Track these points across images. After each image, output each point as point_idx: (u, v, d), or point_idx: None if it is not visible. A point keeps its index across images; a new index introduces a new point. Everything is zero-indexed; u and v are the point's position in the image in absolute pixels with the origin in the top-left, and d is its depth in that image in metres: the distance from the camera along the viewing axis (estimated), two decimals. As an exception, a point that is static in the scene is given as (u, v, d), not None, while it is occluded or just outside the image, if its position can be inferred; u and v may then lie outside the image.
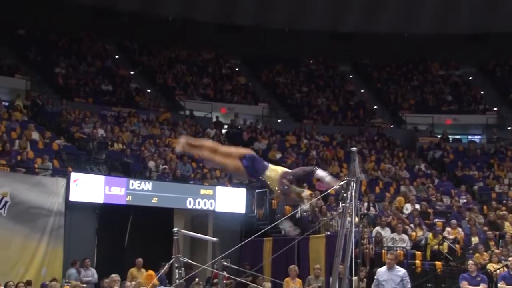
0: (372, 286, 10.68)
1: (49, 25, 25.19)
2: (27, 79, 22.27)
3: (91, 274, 14.74)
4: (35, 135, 18.09)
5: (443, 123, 26.73)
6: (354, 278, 11.11)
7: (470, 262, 12.21)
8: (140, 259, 14.58)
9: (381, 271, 10.60)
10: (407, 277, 10.49)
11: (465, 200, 19.54)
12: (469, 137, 27.33)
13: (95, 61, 25.03)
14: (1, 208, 14.33)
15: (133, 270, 14.42)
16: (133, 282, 13.23)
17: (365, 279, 13.55)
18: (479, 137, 27.41)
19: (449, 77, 29.35)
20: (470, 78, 29.55)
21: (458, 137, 27.13)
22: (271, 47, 27.75)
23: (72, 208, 15.67)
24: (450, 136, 26.32)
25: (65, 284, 13.64)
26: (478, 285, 11.55)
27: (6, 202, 14.39)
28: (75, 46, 25.58)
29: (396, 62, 29.86)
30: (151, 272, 13.45)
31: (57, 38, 25.42)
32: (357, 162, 5.39)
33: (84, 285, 13.72)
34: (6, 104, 20.33)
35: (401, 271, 10.55)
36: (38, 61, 23.87)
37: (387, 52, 28.58)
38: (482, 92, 28.51)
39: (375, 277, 10.56)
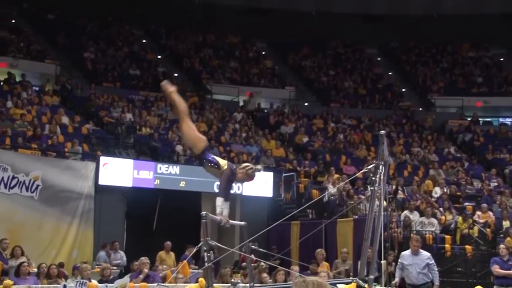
0: (396, 269, 10.69)
1: (78, 10, 25.38)
2: (57, 64, 22.54)
3: (120, 257, 14.93)
4: (65, 120, 18.33)
5: (473, 106, 26.32)
6: (383, 261, 11.04)
7: (502, 246, 12.05)
8: (168, 243, 14.73)
9: (406, 254, 10.57)
10: (433, 261, 10.44)
11: (496, 184, 19.28)
12: (500, 119, 26.88)
13: (123, 45, 25.18)
14: (32, 192, 14.57)
15: (162, 253, 14.58)
16: (165, 266, 13.37)
17: (393, 263, 13.49)
18: (510, 119, 26.94)
19: (480, 58, 28.84)
20: (501, 59, 29.00)
21: (489, 119, 26.70)
22: (298, 31, 27.55)
23: (102, 191, 15.86)
24: (480, 119, 25.91)
25: (96, 266, 13.85)
26: (510, 269, 11.42)
27: (37, 185, 14.62)
28: (103, 30, 25.76)
29: (425, 44, 29.42)
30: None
31: (85, 23, 25.62)
32: (385, 146, 5.34)
33: (114, 268, 13.91)
34: (37, 89, 20.61)
35: (426, 255, 10.49)
36: (67, 46, 24.10)
37: (415, 34, 28.17)
38: (513, 74, 27.97)
39: (399, 261, 10.57)
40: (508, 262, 11.56)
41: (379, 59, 29.72)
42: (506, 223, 15.92)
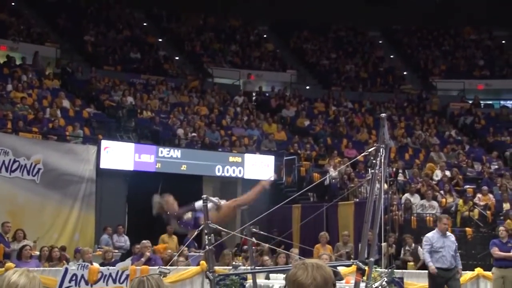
0: (425, 253, 10.02)
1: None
2: (57, 47, 22.45)
3: (124, 240, 15.00)
4: (66, 103, 18.31)
5: (474, 88, 26.26)
6: (383, 244, 11.05)
7: (501, 228, 12.09)
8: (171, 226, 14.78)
9: (434, 236, 9.89)
10: (457, 245, 10.08)
11: (496, 166, 19.30)
12: (501, 102, 26.83)
13: (124, 28, 25.09)
14: (34, 175, 14.60)
15: (164, 237, 14.64)
16: (169, 250, 13.41)
17: (394, 245, 13.55)
18: (511, 102, 26.88)
19: (481, 41, 28.72)
20: (503, 42, 28.87)
21: (490, 102, 26.65)
22: (299, 14, 27.42)
23: (103, 175, 15.89)
24: (481, 102, 25.87)
25: (97, 249, 13.92)
26: (509, 251, 11.46)
27: (39, 169, 14.64)
28: (104, 13, 25.64)
29: (427, 27, 29.28)
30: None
31: (86, 5, 25.50)
32: (386, 129, 5.33)
33: (116, 251, 13.98)
34: (37, 72, 20.54)
35: (452, 236, 10.05)
36: (68, 28, 24.01)
37: (417, 17, 28.03)
38: (515, 56, 27.88)
39: (426, 243, 9.91)
40: (507, 244, 11.60)
41: (380, 42, 29.60)
42: (506, 206, 15.96)
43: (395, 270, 10.10)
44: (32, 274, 3.10)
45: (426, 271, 11.95)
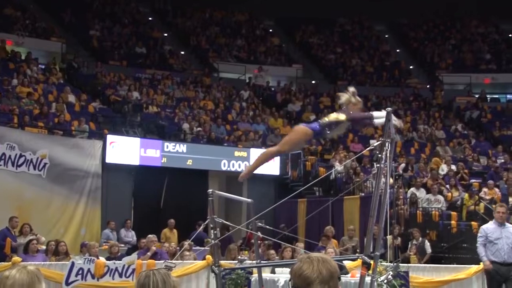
0: (479, 246, 8.95)
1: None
2: (63, 42, 22.48)
3: (131, 235, 15.05)
4: (71, 98, 18.34)
5: (481, 83, 26.16)
6: (388, 236, 11.01)
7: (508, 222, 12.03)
8: (172, 220, 14.87)
9: (489, 228, 8.93)
10: None
11: (502, 160, 19.24)
12: (508, 96, 26.71)
13: (129, 23, 25.09)
14: (40, 170, 14.64)
15: (166, 231, 14.71)
16: (173, 244, 13.45)
17: (399, 237, 13.53)
18: (518, 96, 26.80)
19: (488, 34, 28.58)
20: (510, 35, 28.72)
21: (496, 96, 26.54)
22: (305, 8, 27.35)
23: (109, 170, 15.93)
24: (488, 96, 25.77)
25: (103, 244, 13.96)
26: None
27: (45, 163, 14.68)
28: (109, 8, 25.65)
29: (433, 20, 29.15)
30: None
31: (91, 0, 25.51)
32: (392, 123, 5.31)
33: (122, 245, 14.02)
34: (43, 67, 20.58)
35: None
36: (73, 23, 24.03)
37: (424, 10, 27.90)
38: (522, 50, 27.75)
39: (481, 234, 8.92)
40: None
41: (386, 36, 29.50)
42: (498, 204, 15.88)
43: (400, 264, 10.06)
44: (30, 269, 3.05)
45: (432, 265, 11.95)
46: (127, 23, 25.02)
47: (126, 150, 16.04)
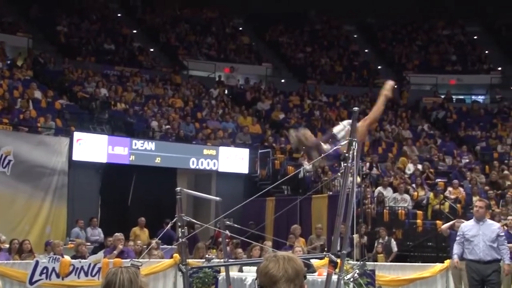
0: (455, 244, 8.66)
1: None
2: (29, 37, 22.11)
3: (98, 233, 14.89)
4: (38, 94, 18.06)
5: (447, 83, 26.59)
6: (355, 235, 11.11)
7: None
8: (142, 218, 14.74)
9: (468, 225, 8.59)
10: (504, 234, 8.63)
11: (467, 160, 19.58)
12: (473, 97, 27.22)
13: (98, 19, 24.79)
14: (4, 167, 14.39)
15: (135, 229, 14.59)
16: (139, 242, 13.36)
17: (365, 236, 13.67)
18: (482, 97, 27.29)
19: (454, 36, 29.04)
20: (475, 37, 29.23)
21: (462, 97, 27.02)
22: (275, 7, 27.40)
23: (76, 167, 15.75)
24: (453, 96, 26.23)
25: (69, 242, 13.79)
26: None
27: (9, 160, 14.44)
28: (77, 3, 25.30)
29: (401, 22, 29.50)
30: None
31: (58, -5, 25.14)
32: (357, 123, 5.36)
33: (89, 243, 13.86)
34: (8, 62, 20.22)
35: (495, 225, 8.71)
36: (40, 18, 23.63)
37: (392, 11, 28.21)
38: (486, 52, 28.25)
39: (459, 233, 8.63)
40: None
41: (355, 36, 29.74)
42: (476, 199, 16.19)
43: (367, 263, 10.16)
44: None
45: (398, 264, 12.11)
46: (95, 19, 24.72)
47: (93, 147, 15.87)
